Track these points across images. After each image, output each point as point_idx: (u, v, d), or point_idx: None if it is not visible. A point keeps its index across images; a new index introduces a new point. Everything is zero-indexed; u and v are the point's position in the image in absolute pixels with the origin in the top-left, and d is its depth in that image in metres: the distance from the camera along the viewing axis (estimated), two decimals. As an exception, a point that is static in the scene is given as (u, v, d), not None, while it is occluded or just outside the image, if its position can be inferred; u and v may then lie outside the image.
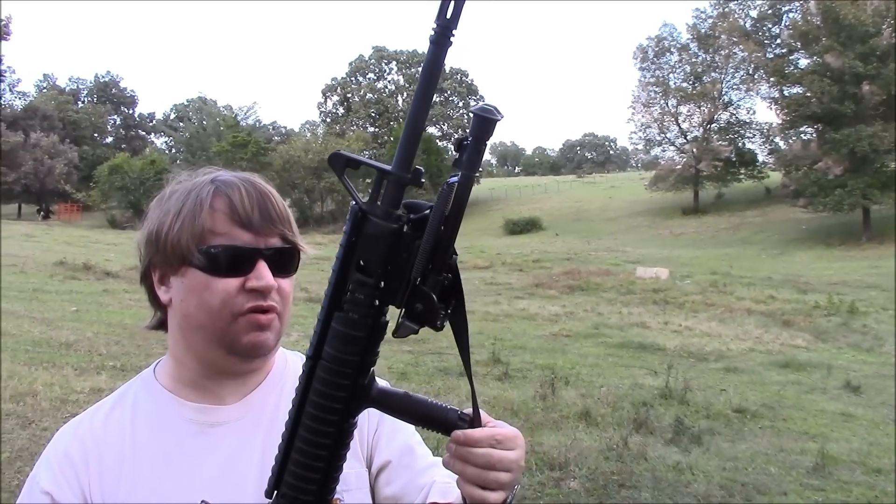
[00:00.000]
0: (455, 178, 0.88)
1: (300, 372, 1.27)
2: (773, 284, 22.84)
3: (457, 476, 1.05)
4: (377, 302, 0.91)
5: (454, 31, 0.86)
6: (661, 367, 10.29)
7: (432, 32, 0.86)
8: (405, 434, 1.29)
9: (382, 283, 0.91)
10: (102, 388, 7.79)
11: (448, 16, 0.85)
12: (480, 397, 7.17)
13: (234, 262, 1.13)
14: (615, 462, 6.62)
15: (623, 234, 47.74)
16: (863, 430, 8.23)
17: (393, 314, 0.93)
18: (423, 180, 0.91)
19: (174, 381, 1.23)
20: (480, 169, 1.02)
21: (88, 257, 23.03)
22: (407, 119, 0.90)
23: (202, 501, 1.05)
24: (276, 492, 0.98)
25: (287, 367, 1.30)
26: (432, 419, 0.99)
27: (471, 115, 0.87)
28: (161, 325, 1.25)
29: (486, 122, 0.86)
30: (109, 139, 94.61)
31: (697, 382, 9.77)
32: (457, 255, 0.91)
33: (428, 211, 0.90)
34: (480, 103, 0.88)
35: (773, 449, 7.32)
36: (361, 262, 0.91)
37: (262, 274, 1.13)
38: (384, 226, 0.90)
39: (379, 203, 0.91)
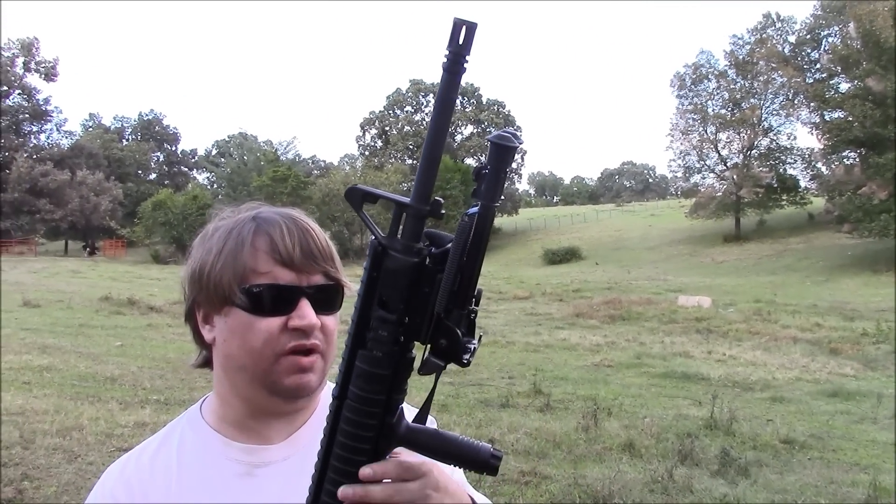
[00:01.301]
0: (475, 209, 0.86)
1: None
2: (819, 312, 22.47)
3: None
4: (401, 338, 0.89)
5: (467, 58, 0.84)
6: (705, 397, 10.13)
7: (444, 60, 0.83)
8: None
9: (406, 319, 0.89)
10: (146, 421, 7.87)
11: (460, 42, 0.82)
12: (522, 429, 7.15)
13: (277, 302, 1.12)
14: (660, 494, 6.52)
15: (664, 262, 47.33)
16: (916, 460, 8.02)
17: (419, 348, 0.91)
18: (442, 212, 0.88)
19: (220, 421, 1.22)
20: (518, 198, 0.98)
21: (133, 292, 23.36)
22: (423, 150, 0.88)
23: None
24: None
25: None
26: (464, 457, 0.95)
27: (487, 143, 0.85)
28: (206, 363, 1.24)
29: (503, 150, 0.84)
30: (153, 175, 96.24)
31: (743, 412, 9.61)
32: (481, 290, 0.89)
33: (450, 244, 0.88)
34: (498, 131, 0.85)
35: (822, 481, 7.15)
36: (383, 298, 0.89)
37: (305, 313, 1.12)
38: (404, 260, 0.88)
39: (399, 237, 0.89)
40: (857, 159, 43.39)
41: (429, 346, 0.89)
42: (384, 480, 0.93)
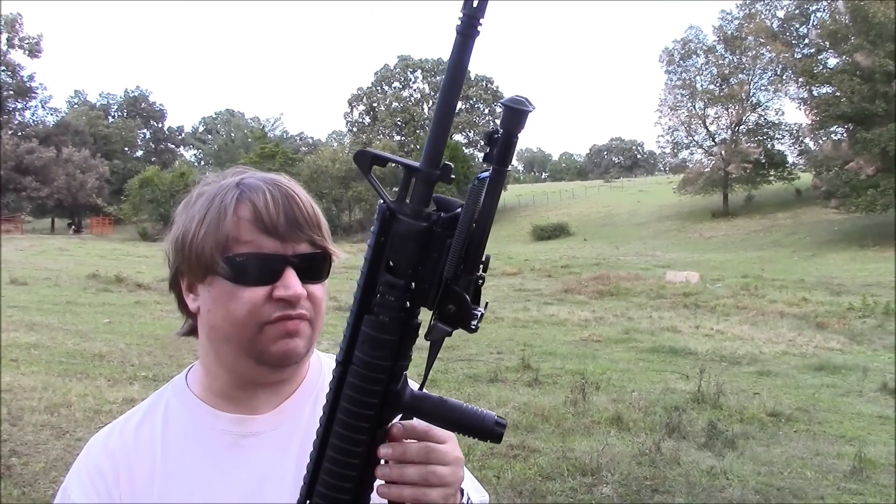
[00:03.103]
0: (486, 174, 0.85)
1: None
2: (806, 287, 22.60)
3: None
4: (408, 304, 0.88)
5: (481, 21, 0.82)
6: (692, 371, 10.18)
7: (458, 22, 0.82)
8: None
9: (413, 285, 0.87)
10: (135, 398, 7.85)
11: (475, 4, 0.81)
12: (511, 403, 7.18)
13: (261, 272, 1.08)
14: (648, 467, 6.56)
15: (652, 238, 47.47)
16: (901, 432, 8.09)
17: (424, 316, 0.90)
18: (452, 176, 0.87)
19: (206, 391, 1.20)
20: (509, 171, 0.97)
21: (120, 270, 23.27)
22: (434, 114, 0.86)
23: None
24: (307, 502, 0.95)
25: (322, 371, 1.26)
26: (468, 425, 0.94)
27: (501, 106, 0.83)
28: (192, 331, 1.21)
29: (517, 113, 0.82)
30: (140, 153, 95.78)
31: (730, 386, 9.66)
32: (489, 256, 0.88)
33: (459, 209, 0.86)
34: (511, 95, 0.83)
35: (808, 453, 7.21)
36: (391, 263, 0.88)
37: (290, 283, 1.08)
38: (413, 225, 0.87)
39: (408, 201, 0.88)
40: (845, 135, 43.49)
41: (436, 311, 0.87)
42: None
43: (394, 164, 0.92)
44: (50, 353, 10.46)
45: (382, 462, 0.94)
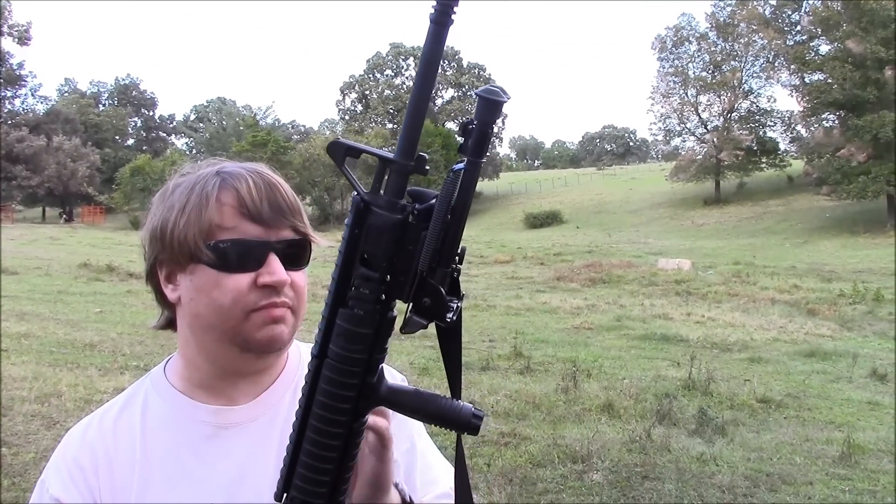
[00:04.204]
0: (461, 165, 0.84)
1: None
2: (798, 273, 22.68)
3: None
4: (383, 297, 0.87)
5: (455, 9, 0.81)
6: (684, 358, 10.22)
7: (432, 11, 0.81)
8: (411, 439, 1.24)
9: (388, 277, 0.87)
10: (125, 387, 7.78)
11: None
12: (502, 391, 7.20)
13: (245, 258, 1.08)
14: (638, 454, 6.58)
15: (644, 225, 47.54)
16: (890, 418, 8.12)
17: (401, 308, 0.90)
18: (427, 167, 0.87)
19: (185, 382, 1.19)
20: (499, 162, 0.96)
21: (112, 259, 23.23)
22: (409, 105, 0.86)
23: None
24: (284, 495, 0.95)
25: (301, 361, 1.25)
26: (445, 417, 0.93)
27: (475, 97, 0.82)
28: (169, 324, 1.20)
29: (491, 104, 0.81)
30: (131, 141, 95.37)
31: (721, 373, 9.70)
32: (464, 248, 0.88)
33: (434, 200, 0.86)
34: (486, 85, 0.83)
35: (798, 439, 7.24)
36: (365, 256, 0.87)
37: (275, 269, 1.08)
38: (388, 217, 0.86)
39: (382, 193, 0.87)
40: (837, 122, 43.56)
41: (411, 304, 0.87)
42: None
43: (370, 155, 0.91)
44: (41, 343, 10.44)
45: None
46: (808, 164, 46.06)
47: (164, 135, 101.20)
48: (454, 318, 0.87)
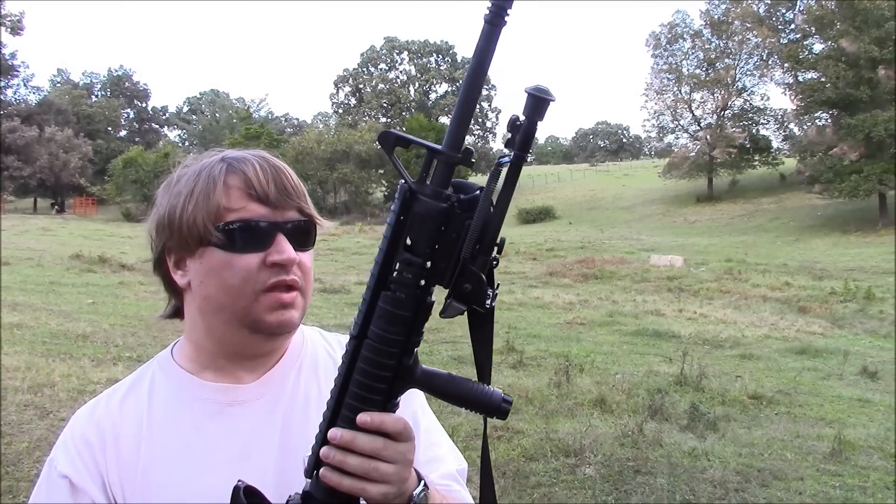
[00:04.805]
0: (507, 159, 0.88)
1: (317, 347, 1.27)
2: (789, 271, 22.75)
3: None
4: (424, 282, 0.91)
5: (509, 11, 0.85)
6: (676, 354, 10.25)
7: (487, 11, 0.86)
8: (415, 416, 1.25)
9: (429, 263, 0.90)
10: (119, 378, 7.61)
11: None
12: (495, 385, 7.22)
13: (254, 238, 1.11)
14: (630, 448, 6.62)
15: (637, 222, 47.63)
16: (880, 415, 8.18)
17: (437, 294, 0.93)
18: (473, 160, 0.90)
19: (192, 363, 1.22)
20: (492, 157, 1.00)
21: (104, 250, 23.15)
22: (459, 99, 0.90)
23: (239, 481, 1.01)
24: (315, 472, 0.97)
25: (305, 343, 1.29)
26: (476, 401, 0.97)
27: (525, 94, 0.86)
28: (177, 313, 1.23)
29: (540, 101, 0.86)
30: (123, 133, 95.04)
31: (713, 369, 9.74)
32: (503, 238, 0.91)
33: (478, 191, 0.90)
34: (535, 84, 0.87)
35: (789, 435, 7.29)
36: (409, 242, 0.91)
37: (283, 248, 1.11)
38: (434, 205, 0.90)
39: (428, 183, 0.91)
40: (829, 120, 43.64)
41: (451, 290, 0.91)
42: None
43: (413, 147, 0.95)
44: (33, 334, 10.41)
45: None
46: (800, 162, 46.19)
47: (157, 126, 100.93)
48: (493, 304, 0.91)
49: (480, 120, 77.58)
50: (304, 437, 1.09)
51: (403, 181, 0.91)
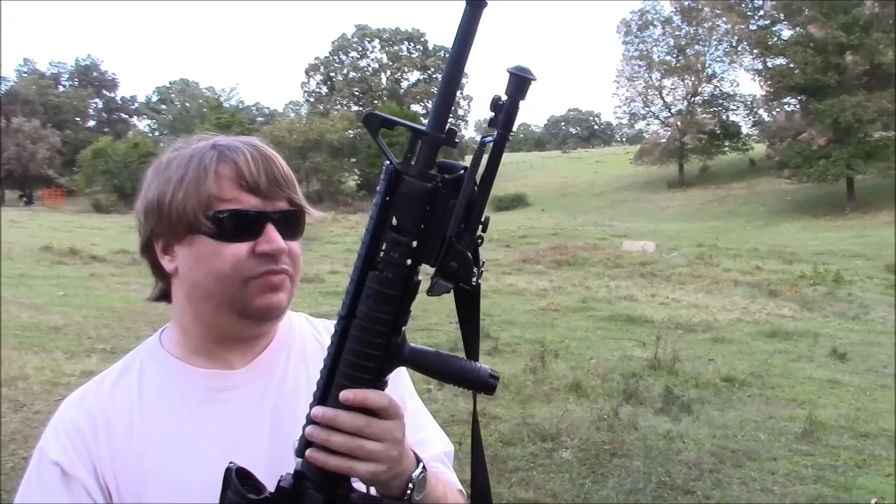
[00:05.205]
0: (490, 138, 0.89)
1: (305, 333, 1.28)
2: (760, 255, 22.95)
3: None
4: (411, 261, 0.92)
5: None
6: (649, 338, 10.35)
7: None
8: (402, 400, 1.25)
9: (416, 243, 0.91)
10: (93, 370, 7.73)
11: None
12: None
13: (243, 227, 1.12)
14: (606, 432, 6.69)
15: (609, 208, 47.86)
16: (850, 395, 8.32)
17: (423, 274, 0.94)
18: (457, 140, 0.91)
19: (181, 349, 1.22)
20: (465, 144, 1.02)
21: (74, 242, 22.89)
22: (441, 81, 0.91)
23: (230, 463, 1.02)
24: (306, 451, 0.98)
25: (293, 328, 1.30)
26: (465, 377, 0.98)
27: (507, 73, 0.87)
28: (163, 296, 1.23)
29: (522, 81, 0.87)
30: (92, 123, 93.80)
31: (686, 353, 9.83)
32: (488, 217, 0.93)
33: (462, 171, 0.91)
34: (517, 64, 0.88)
35: (762, 416, 7.40)
36: (396, 222, 0.92)
37: (272, 237, 1.12)
38: (419, 185, 0.91)
39: (413, 163, 0.92)
40: (798, 106, 44.04)
41: (437, 268, 0.92)
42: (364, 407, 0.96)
43: (397, 128, 0.96)
44: (4, 327, 10.28)
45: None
46: (769, 147, 46.55)
47: (126, 116, 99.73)
48: (478, 281, 0.93)
49: (453, 108, 77.36)
50: (295, 421, 1.10)
51: (389, 162, 0.92)
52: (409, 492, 1.01)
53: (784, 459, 6.19)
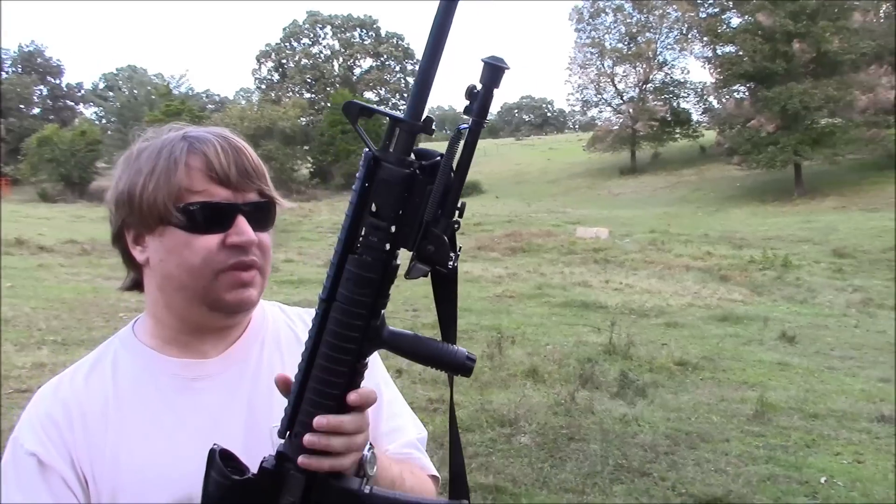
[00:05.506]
0: (466, 126, 0.92)
1: (278, 322, 1.28)
2: (710, 241, 23.29)
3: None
4: (389, 245, 0.94)
5: None
6: (604, 324, 10.47)
7: None
8: (378, 388, 1.25)
9: (394, 228, 0.94)
10: (45, 362, 7.66)
11: None
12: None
13: (214, 219, 1.12)
14: (563, 416, 6.76)
15: (563, 195, 48.10)
16: (799, 377, 8.51)
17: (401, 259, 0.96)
18: (433, 129, 0.94)
19: (155, 339, 1.22)
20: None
21: (21, 232, 22.38)
22: (419, 69, 0.93)
23: (214, 445, 1.03)
24: (288, 432, 1.00)
25: (265, 318, 1.30)
26: (442, 359, 1.01)
27: (482, 63, 0.89)
28: (136, 285, 1.23)
29: (496, 70, 0.89)
30: (36, 110, 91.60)
31: (640, 338, 9.97)
32: (464, 203, 0.95)
33: (439, 158, 0.93)
34: (491, 54, 0.90)
35: (714, 399, 7.54)
36: (374, 208, 0.94)
37: (243, 229, 1.13)
38: (397, 171, 0.93)
39: (391, 150, 0.94)
40: (747, 93, 44.56)
41: (415, 252, 0.94)
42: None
43: (375, 116, 0.97)
44: (-49, 319, 10.08)
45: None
46: (719, 134, 47.06)
47: (72, 104, 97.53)
48: (454, 264, 0.95)
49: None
50: (270, 409, 1.14)
51: (367, 150, 0.94)
52: (364, 468, 1.03)
53: (736, 440, 6.32)
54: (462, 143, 0.92)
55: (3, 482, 1.12)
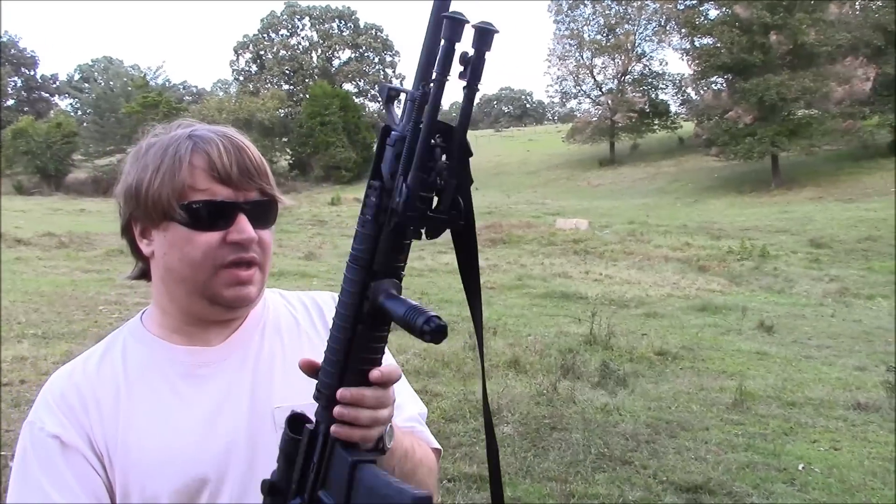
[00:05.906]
0: (419, 91, 0.96)
1: (278, 308, 1.33)
2: (689, 232, 23.44)
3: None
4: (379, 201, 0.97)
5: None
6: (584, 314, 10.52)
7: None
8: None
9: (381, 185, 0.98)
10: (25, 356, 7.60)
11: None
12: (411, 350, 7.26)
13: (215, 217, 1.17)
14: (546, 406, 6.82)
15: (542, 186, 48.18)
16: (777, 367, 8.62)
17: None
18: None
19: (161, 328, 1.27)
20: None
21: (-3, 225, 22.21)
22: (422, 46, 0.98)
23: (291, 410, 1.08)
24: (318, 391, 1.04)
25: (266, 306, 1.35)
26: (407, 325, 1.00)
27: (472, 28, 0.92)
28: (143, 274, 1.28)
29: (486, 33, 0.92)
30: (11, 102, 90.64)
31: (620, 328, 10.04)
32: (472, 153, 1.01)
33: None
34: (480, 19, 0.93)
35: (694, 388, 7.62)
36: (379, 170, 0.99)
37: (243, 227, 1.17)
38: (395, 135, 0.99)
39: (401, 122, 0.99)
40: (725, 85, 44.76)
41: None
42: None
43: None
44: (-72, 313, 9.99)
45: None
46: (697, 125, 47.31)
47: (48, 95, 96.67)
48: (467, 218, 1.01)
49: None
50: (272, 393, 1.22)
51: (385, 125, 0.99)
52: (382, 441, 1.07)
53: (716, 429, 6.40)
54: (428, 106, 0.95)
55: (26, 467, 1.16)
